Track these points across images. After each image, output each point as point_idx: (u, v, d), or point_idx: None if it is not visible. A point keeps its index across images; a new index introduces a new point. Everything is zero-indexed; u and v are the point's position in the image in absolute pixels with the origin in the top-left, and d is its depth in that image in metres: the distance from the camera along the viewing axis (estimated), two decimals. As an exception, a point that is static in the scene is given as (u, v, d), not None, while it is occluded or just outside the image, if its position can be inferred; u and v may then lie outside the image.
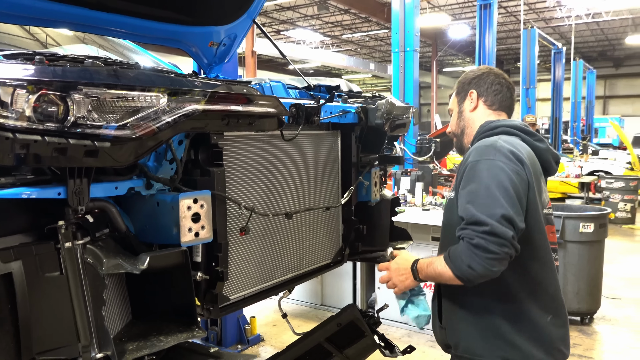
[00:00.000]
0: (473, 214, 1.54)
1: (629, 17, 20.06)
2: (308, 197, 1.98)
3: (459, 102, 1.94)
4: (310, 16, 21.12)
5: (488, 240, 1.49)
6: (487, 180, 1.58)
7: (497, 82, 1.90)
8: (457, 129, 1.94)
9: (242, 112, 1.38)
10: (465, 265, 1.53)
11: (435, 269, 1.65)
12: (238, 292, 1.71)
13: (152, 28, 2.61)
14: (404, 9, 7.20)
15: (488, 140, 1.71)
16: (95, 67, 1.23)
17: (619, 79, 31.09)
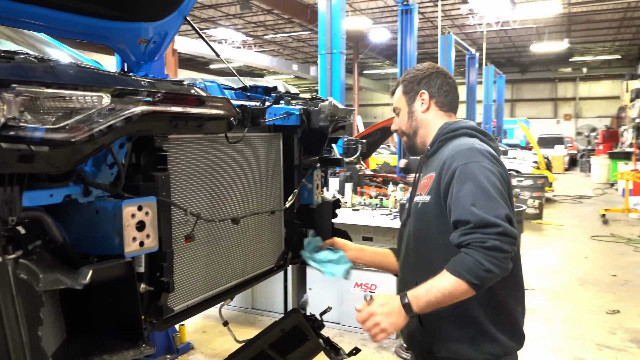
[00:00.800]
0: (482, 217, 1.54)
1: (534, 27, 21.54)
2: (252, 201, 1.93)
3: (408, 102, 1.96)
4: (233, 15, 20.83)
5: (502, 240, 1.53)
6: (483, 182, 1.61)
7: (447, 83, 1.95)
8: (408, 129, 1.96)
9: (192, 114, 1.31)
10: (482, 270, 1.51)
11: (441, 290, 1.56)
12: (182, 303, 1.63)
13: (77, 22, 2.44)
14: (330, 11, 7.27)
15: (464, 144, 1.75)
16: (30, 64, 1.11)
17: (524, 84, 33.34)
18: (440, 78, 1.95)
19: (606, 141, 21.73)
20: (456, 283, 1.55)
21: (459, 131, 1.85)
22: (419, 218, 1.84)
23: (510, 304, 1.79)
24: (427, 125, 1.94)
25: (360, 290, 4.85)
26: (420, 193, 1.85)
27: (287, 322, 2.15)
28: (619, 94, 25.73)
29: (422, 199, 1.82)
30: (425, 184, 1.85)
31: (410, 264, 1.90)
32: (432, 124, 1.93)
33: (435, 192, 1.75)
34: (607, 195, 14.82)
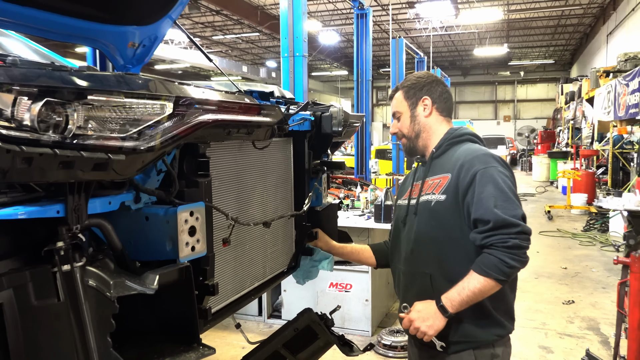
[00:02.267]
0: (503, 218, 1.74)
1: (476, 32, 22.42)
2: (270, 204, 1.97)
3: (410, 107, 2.08)
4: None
5: (521, 238, 1.74)
6: (502, 185, 1.80)
7: (445, 91, 2.13)
8: (410, 133, 2.08)
9: (249, 122, 1.35)
10: (506, 267, 1.72)
11: (472, 289, 1.76)
12: (217, 305, 1.66)
13: (66, 24, 2.40)
14: (292, 14, 7.32)
15: (476, 149, 1.92)
16: (101, 73, 1.13)
17: (466, 87, 34.57)
18: (440, 86, 2.11)
19: (544, 141, 22.90)
20: (485, 281, 1.76)
21: (464, 137, 2.04)
22: (432, 215, 1.95)
23: (507, 291, 1.95)
24: (429, 129, 2.07)
25: (336, 290, 4.94)
26: (433, 192, 1.97)
27: (301, 321, 2.20)
28: (554, 96, 27.19)
29: (435, 198, 1.94)
30: (437, 183, 1.97)
31: (417, 258, 2.01)
32: (434, 128, 2.08)
33: (453, 192, 1.89)
34: (548, 193, 15.65)
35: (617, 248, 3.61)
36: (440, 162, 2.02)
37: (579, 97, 17.08)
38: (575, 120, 17.63)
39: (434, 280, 1.93)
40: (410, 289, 2.03)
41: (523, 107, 34.10)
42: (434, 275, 1.93)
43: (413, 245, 2.02)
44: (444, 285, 1.89)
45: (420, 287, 1.98)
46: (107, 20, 2.57)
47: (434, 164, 2.04)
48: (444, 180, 1.94)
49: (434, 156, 2.05)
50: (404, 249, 2.07)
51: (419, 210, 2.01)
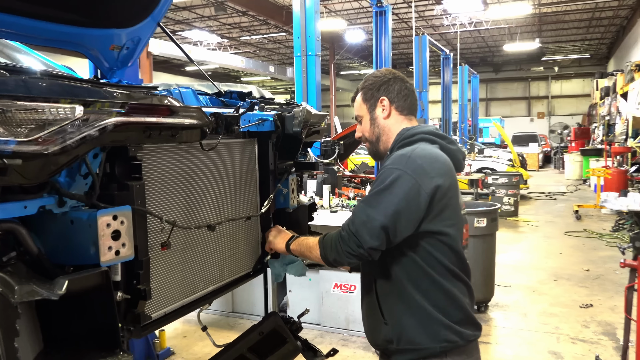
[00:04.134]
0: (347, 222, 1.79)
1: (506, 27, 21.92)
2: (228, 207, 1.95)
3: (369, 109, 1.98)
4: (208, 17, 20.72)
5: (351, 240, 1.75)
6: (380, 191, 1.77)
7: (405, 87, 1.98)
8: (371, 136, 1.99)
9: (165, 124, 1.32)
10: (331, 252, 1.83)
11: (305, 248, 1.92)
12: (159, 310, 1.64)
13: (47, 29, 2.43)
14: (304, 14, 7.30)
15: (405, 150, 1.82)
16: (1, 77, 1.12)
17: (498, 83, 33.86)
18: (398, 83, 1.97)
19: (578, 138, 22.20)
20: (317, 252, 1.89)
21: (416, 137, 1.87)
22: None
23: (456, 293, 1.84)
24: (388, 131, 1.96)
25: (340, 291, 4.89)
26: None
27: (266, 325, 2.17)
28: (590, 92, 26.34)
29: None
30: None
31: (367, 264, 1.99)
32: (393, 130, 1.96)
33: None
34: (580, 192, 15.16)
35: (622, 250, 3.44)
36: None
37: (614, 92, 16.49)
38: (610, 116, 17.02)
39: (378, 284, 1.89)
40: (363, 294, 2.02)
41: (557, 104, 33.17)
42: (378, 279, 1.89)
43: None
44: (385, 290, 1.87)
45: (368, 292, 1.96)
46: (87, 23, 2.59)
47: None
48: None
49: (384, 160, 1.93)
50: None
51: None
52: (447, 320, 1.80)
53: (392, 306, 1.86)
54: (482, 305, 5.42)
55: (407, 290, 1.82)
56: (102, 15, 2.62)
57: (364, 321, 2.01)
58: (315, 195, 5.63)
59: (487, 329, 4.99)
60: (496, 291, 5.97)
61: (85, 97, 1.21)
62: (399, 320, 1.83)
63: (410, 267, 1.81)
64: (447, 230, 1.80)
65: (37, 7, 2.27)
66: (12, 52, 3.55)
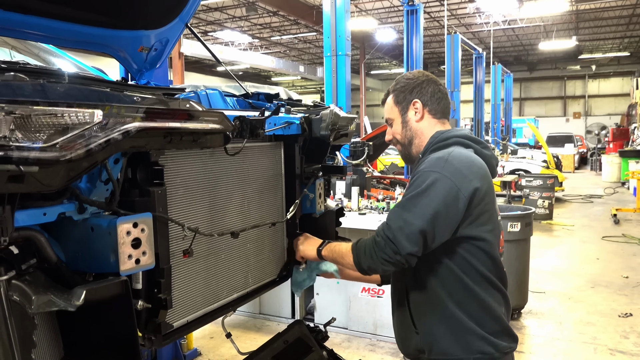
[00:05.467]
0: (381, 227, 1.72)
1: (541, 25, 21.38)
2: (253, 213, 1.90)
3: (401, 112, 1.94)
4: (239, 17, 20.86)
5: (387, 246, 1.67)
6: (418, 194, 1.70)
7: (438, 90, 1.93)
8: (404, 139, 1.94)
9: (186, 129, 1.28)
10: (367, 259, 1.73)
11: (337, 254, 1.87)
12: (182, 318, 1.60)
13: (76, 31, 2.43)
14: (335, 13, 7.24)
15: (442, 153, 1.77)
16: (19, 81, 1.09)
17: (532, 82, 33.10)
18: (431, 85, 1.92)
19: (616, 139, 21.50)
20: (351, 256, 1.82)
21: (450, 140, 1.83)
22: None
23: (491, 302, 1.79)
24: (422, 134, 1.92)
25: (368, 295, 4.81)
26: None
27: (291, 333, 2.12)
28: (629, 91, 25.48)
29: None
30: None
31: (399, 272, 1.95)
32: (426, 133, 1.92)
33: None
34: (618, 195, 14.65)
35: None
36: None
37: (655, 92, 15.91)
38: (651, 116, 16.43)
39: (410, 293, 1.86)
40: (394, 304, 1.99)
41: (595, 103, 32.20)
42: (410, 288, 1.85)
43: None
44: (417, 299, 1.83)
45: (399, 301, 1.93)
46: (115, 25, 2.59)
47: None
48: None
49: (418, 163, 1.89)
50: None
51: None
52: (482, 330, 1.74)
53: (424, 315, 1.82)
54: (515, 312, 5.26)
55: (440, 299, 1.77)
56: (130, 16, 2.61)
57: (395, 329, 1.98)
58: (343, 197, 5.56)
59: (520, 337, 4.82)
60: (530, 298, 5.79)
61: (104, 101, 1.18)
62: (431, 329, 1.79)
63: (444, 275, 1.76)
64: (485, 236, 1.75)
65: (66, 9, 2.28)
66: (46, 54, 3.61)
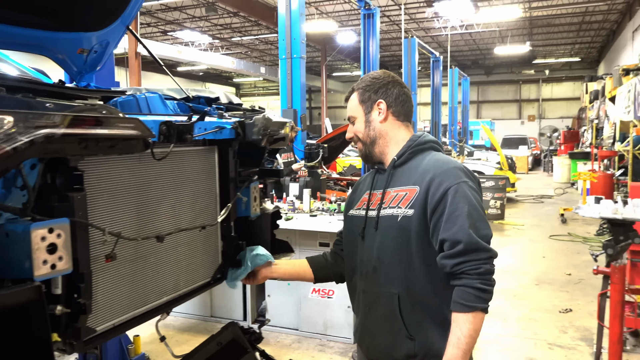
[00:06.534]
0: (476, 241, 1.67)
1: (497, 30, 21.99)
2: (185, 216, 1.91)
3: (365, 111, 1.96)
4: (199, 18, 20.64)
5: (491, 263, 1.69)
6: (475, 203, 1.73)
7: (403, 93, 1.97)
8: (366, 138, 1.96)
9: (100, 135, 1.30)
10: (486, 293, 1.66)
11: (466, 334, 1.64)
12: (107, 322, 1.61)
13: (10, 33, 2.39)
14: (290, 16, 7.28)
15: (447, 161, 1.84)
16: None
17: (490, 86, 33.98)
18: (397, 87, 1.95)
19: (567, 141, 22.31)
20: (473, 317, 1.66)
21: (427, 144, 1.92)
22: (398, 231, 1.82)
23: None
24: (386, 135, 1.94)
25: (318, 296, 4.87)
26: (398, 206, 1.84)
27: (224, 335, 2.15)
28: (580, 95, 26.48)
29: (402, 212, 1.81)
30: (402, 196, 1.84)
31: (381, 277, 1.87)
32: (391, 135, 1.94)
33: (421, 206, 1.77)
34: (567, 195, 15.23)
35: (595, 258, 3.44)
36: (404, 172, 1.89)
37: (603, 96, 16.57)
38: (599, 119, 17.10)
39: (402, 300, 1.82)
40: (374, 310, 1.91)
41: (548, 107, 33.33)
42: (402, 296, 1.81)
43: (376, 263, 1.88)
44: (411, 306, 1.81)
45: (385, 308, 1.86)
46: (53, 27, 2.55)
47: (396, 174, 1.91)
48: (411, 193, 1.81)
49: (395, 164, 1.92)
50: (364, 266, 1.94)
51: (381, 224, 1.87)
52: None
53: (418, 320, 1.81)
54: (462, 310, 5.41)
55: (434, 302, 1.79)
56: (69, 18, 2.58)
57: (377, 337, 1.91)
58: (295, 199, 5.60)
59: (466, 334, 4.98)
60: (477, 296, 5.96)
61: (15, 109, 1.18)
62: (427, 334, 1.79)
63: (439, 278, 1.77)
64: None
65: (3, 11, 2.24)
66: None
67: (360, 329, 2.00)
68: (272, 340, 4.84)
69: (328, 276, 2.22)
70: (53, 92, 1.68)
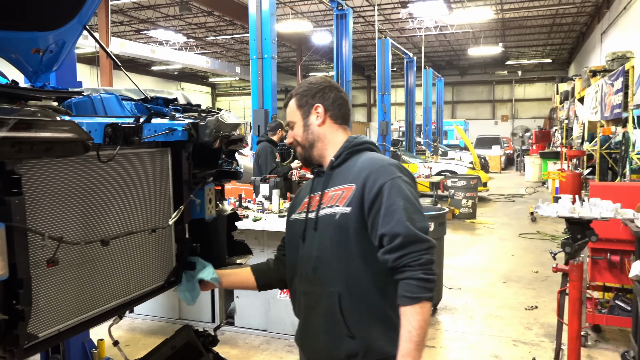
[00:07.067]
0: (415, 233, 1.69)
1: (470, 31, 22.28)
2: (136, 219, 1.89)
3: (303, 115, 1.99)
4: (173, 16, 20.43)
5: (431, 253, 1.70)
6: (410, 197, 1.76)
7: (340, 97, 2.01)
8: (304, 142, 1.99)
9: (33, 138, 1.27)
10: (429, 283, 1.66)
11: (416, 326, 1.64)
12: (51, 327, 1.58)
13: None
14: (260, 16, 7.26)
15: (379, 159, 1.87)
16: None
17: (464, 86, 34.41)
18: (333, 92, 1.99)
19: (539, 141, 22.73)
20: (421, 308, 1.66)
21: (363, 145, 1.96)
22: (336, 230, 1.83)
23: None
24: (324, 138, 1.98)
25: (287, 297, 4.85)
26: (336, 204, 1.85)
27: (179, 339, 2.13)
28: (551, 95, 27.00)
29: (340, 210, 1.83)
30: (339, 195, 1.86)
31: (321, 277, 1.88)
32: (329, 137, 1.98)
33: (358, 203, 1.79)
34: (538, 194, 15.51)
35: (553, 256, 3.52)
36: (341, 172, 1.91)
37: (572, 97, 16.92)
38: (569, 120, 17.47)
39: (342, 298, 1.81)
40: (315, 311, 1.90)
41: (521, 107, 33.91)
42: (343, 294, 1.81)
43: (316, 263, 1.88)
44: (352, 304, 1.81)
45: (326, 307, 1.85)
46: (6, 27, 2.50)
47: (334, 175, 1.93)
48: (348, 191, 1.83)
49: (333, 166, 1.94)
50: (305, 268, 1.93)
51: (320, 224, 1.89)
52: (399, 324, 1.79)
53: (359, 318, 1.81)
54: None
55: (375, 299, 1.80)
56: (23, 18, 2.53)
57: (318, 338, 1.90)
58: (265, 199, 5.59)
59: (433, 332, 5.04)
60: (446, 294, 6.05)
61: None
62: (369, 332, 1.80)
63: (379, 274, 1.78)
64: None
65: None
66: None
67: (300, 331, 2.01)
68: (240, 341, 4.82)
69: (271, 283, 2.21)
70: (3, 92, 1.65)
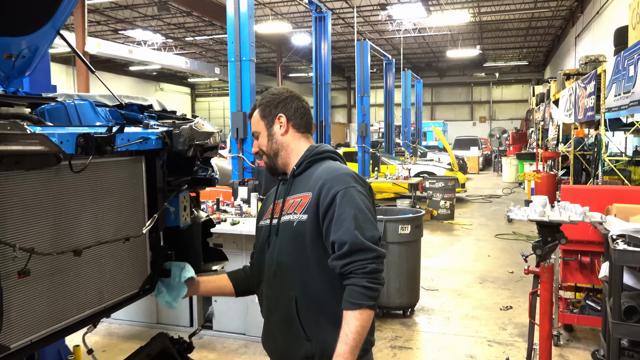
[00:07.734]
0: (362, 242, 1.75)
1: (448, 33, 22.53)
2: (109, 228, 1.90)
3: (267, 126, 2.05)
4: (151, 16, 20.25)
5: (378, 262, 1.75)
6: (361, 206, 1.81)
7: (302, 106, 2.08)
8: (269, 151, 2.05)
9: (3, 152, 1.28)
10: (372, 291, 1.72)
11: (354, 330, 1.70)
12: (23, 338, 1.58)
13: None
14: (239, 19, 7.25)
15: (336, 168, 1.92)
16: None
17: (443, 88, 34.77)
18: (295, 101, 2.06)
19: (516, 142, 23.07)
20: (360, 314, 1.72)
21: (324, 154, 2.02)
22: (294, 236, 1.90)
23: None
24: (287, 147, 2.04)
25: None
26: (294, 212, 1.92)
27: (154, 346, 2.14)
28: (528, 97, 27.44)
29: (297, 218, 1.90)
30: (297, 202, 1.92)
31: (280, 281, 1.95)
32: (292, 146, 2.04)
33: (313, 211, 1.85)
34: (515, 194, 15.77)
35: (525, 258, 3.60)
36: (301, 180, 1.98)
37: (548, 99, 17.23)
38: (544, 121, 17.78)
39: (299, 301, 1.88)
40: (275, 314, 1.98)
41: (498, 108, 34.40)
42: (299, 298, 1.89)
43: (276, 268, 1.96)
44: (308, 307, 1.87)
45: (284, 310, 1.92)
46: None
47: (295, 183, 2.00)
48: (305, 199, 1.90)
49: (294, 174, 2.01)
50: (267, 272, 2.01)
51: (280, 231, 1.96)
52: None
53: (315, 321, 1.87)
54: (407, 310, 5.54)
55: (330, 303, 1.85)
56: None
57: (275, 339, 1.97)
58: (243, 202, 5.59)
59: (411, 334, 5.11)
60: (423, 295, 6.12)
61: None
62: (325, 335, 1.84)
63: (334, 279, 1.83)
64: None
65: None
66: None
67: (264, 332, 2.07)
68: (218, 345, 4.82)
69: (247, 288, 2.24)
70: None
